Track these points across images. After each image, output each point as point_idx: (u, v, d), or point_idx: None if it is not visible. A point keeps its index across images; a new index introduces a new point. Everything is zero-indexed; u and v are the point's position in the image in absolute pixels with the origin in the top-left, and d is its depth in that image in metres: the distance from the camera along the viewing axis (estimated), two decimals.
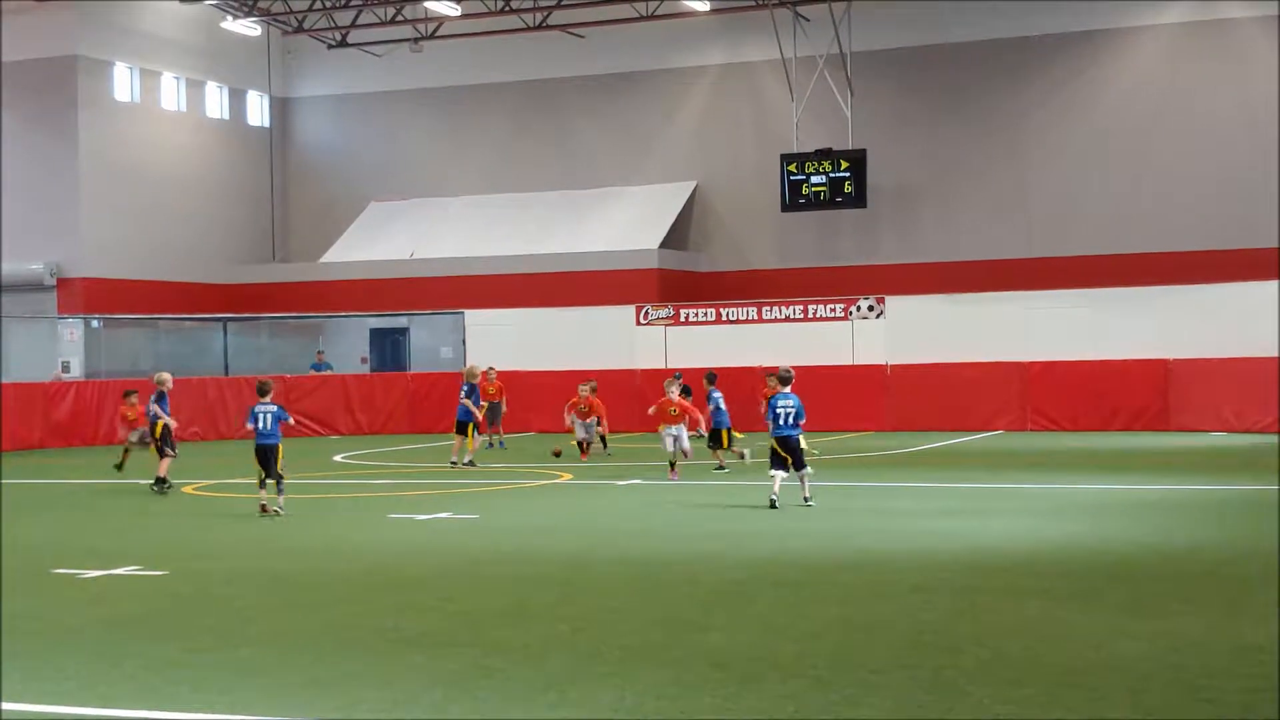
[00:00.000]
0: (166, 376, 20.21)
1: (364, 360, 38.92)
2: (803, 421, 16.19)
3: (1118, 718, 7.22)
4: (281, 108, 44.89)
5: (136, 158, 39.82)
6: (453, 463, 22.90)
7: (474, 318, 36.79)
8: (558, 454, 24.44)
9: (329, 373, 35.62)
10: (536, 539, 14.41)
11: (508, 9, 39.74)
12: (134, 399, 22.30)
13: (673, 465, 20.17)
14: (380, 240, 42.00)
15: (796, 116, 38.88)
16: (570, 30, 40.89)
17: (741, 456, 21.60)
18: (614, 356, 33.85)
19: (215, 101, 42.87)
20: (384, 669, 8.46)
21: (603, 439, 24.90)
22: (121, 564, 12.65)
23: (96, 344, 37.51)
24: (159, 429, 19.50)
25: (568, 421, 24.61)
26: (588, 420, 24.43)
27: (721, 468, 21.26)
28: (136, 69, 39.92)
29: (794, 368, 30.95)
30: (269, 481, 16.40)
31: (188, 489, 20.07)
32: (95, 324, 37.82)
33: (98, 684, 8.22)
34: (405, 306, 39.10)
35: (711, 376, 22.31)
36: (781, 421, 15.97)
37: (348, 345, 39.52)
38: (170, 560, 13.03)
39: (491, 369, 28.53)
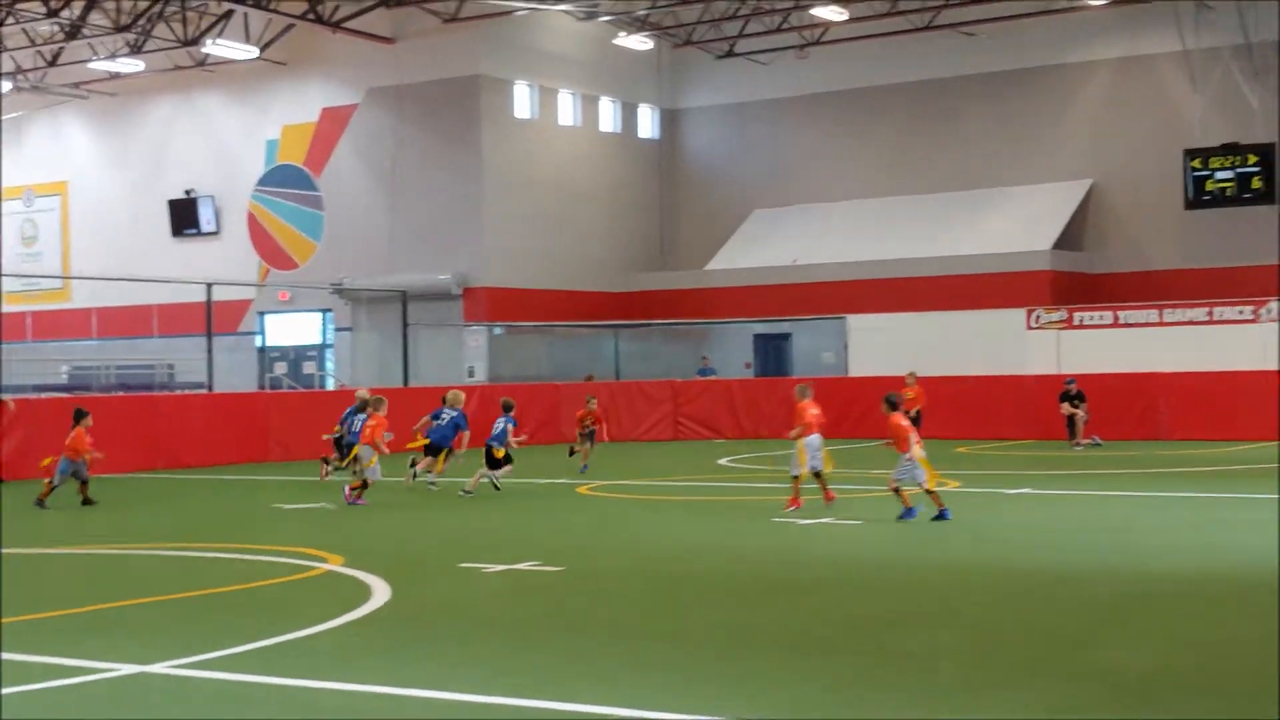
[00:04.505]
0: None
1: (748, 365, 39.37)
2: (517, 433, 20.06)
3: None
4: (670, 119, 45.97)
5: (534, 172, 41.59)
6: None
7: (856, 322, 36.63)
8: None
9: (714, 377, 36.22)
10: (921, 546, 14.21)
11: (895, 10, 39.41)
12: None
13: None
14: (764, 246, 42.41)
15: (1200, 110, 36.96)
16: (960, 29, 40.18)
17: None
18: (1003, 362, 32.99)
19: (608, 115, 44.31)
20: (777, 671, 8.53)
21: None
22: (522, 559, 13.22)
23: (499, 350, 39.43)
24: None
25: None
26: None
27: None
28: (535, 86, 41.70)
29: (1195, 373, 29.50)
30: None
31: (582, 489, 20.80)
32: (497, 331, 39.75)
33: (501, 675, 8.60)
34: (788, 312, 39.32)
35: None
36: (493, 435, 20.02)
37: (732, 350, 40.08)
38: (567, 557, 13.53)
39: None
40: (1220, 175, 36.23)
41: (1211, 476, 21.57)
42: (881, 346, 34.96)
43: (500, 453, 20.01)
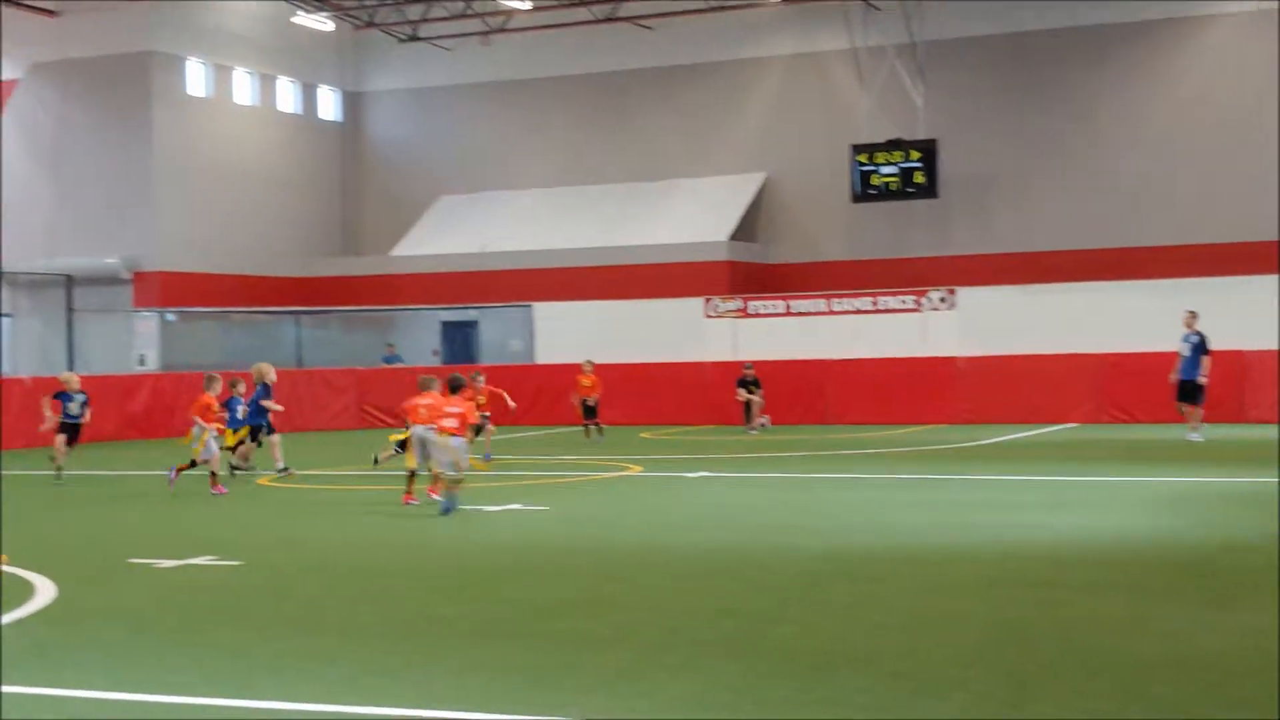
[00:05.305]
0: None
1: (435, 353, 39.12)
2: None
3: (1201, 715, 7.08)
4: (353, 102, 45.20)
5: (209, 152, 40.24)
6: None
7: (542, 310, 36.87)
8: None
9: (400, 365, 35.82)
10: (606, 530, 14.40)
11: (577, 2, 39.77)
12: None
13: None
14: (450, 233, 42.21)
15: (867, 107, 38.64)
16: (639, 22, 40.86)
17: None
18: (683, 349, 33.79)
19: (287, 96, 43.24)
20: (457, 659, 8.48)
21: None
22: (197, 554, 12.76)
23: (172, 337, 37.96)
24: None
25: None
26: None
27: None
28: (209, 64, 40.32)
29: (860, 359, 30.85)
30: None
31: (262, 480, 20.25)
32: (170, 317, 38.27)
33: (171, 672, 8.29)
34: (475, 299, 39.26)
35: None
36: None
37: (419, 338, 39.74)
38: (245, 551, 13.14)
39: None
40: (885, 170, 37.92)
41: (878, 458, 22.60)
42: (567, 334, 35.30)
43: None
